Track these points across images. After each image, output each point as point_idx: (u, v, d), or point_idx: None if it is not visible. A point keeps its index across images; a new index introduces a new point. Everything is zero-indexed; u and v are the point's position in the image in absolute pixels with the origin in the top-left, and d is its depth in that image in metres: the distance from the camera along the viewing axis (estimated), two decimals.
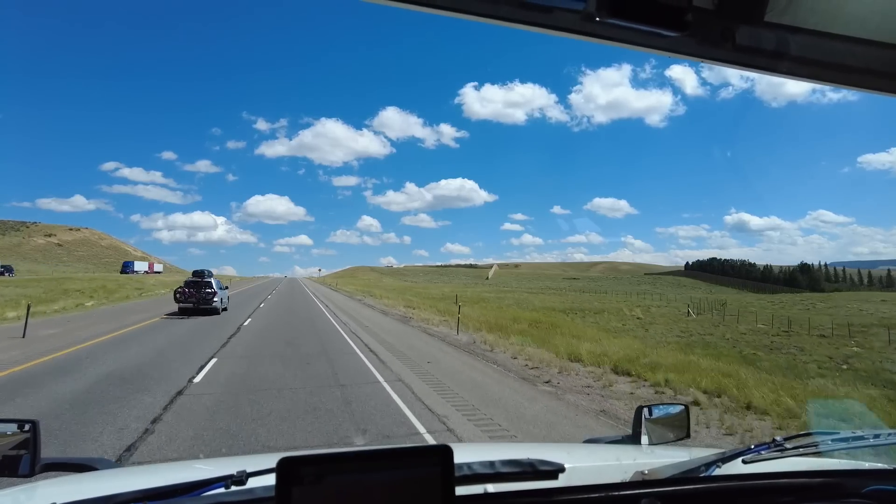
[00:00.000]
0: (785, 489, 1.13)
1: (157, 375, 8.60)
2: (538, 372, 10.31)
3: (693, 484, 1.11)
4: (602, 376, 9.71)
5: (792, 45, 0.74)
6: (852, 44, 0.75)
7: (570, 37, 0.69)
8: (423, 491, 0.77)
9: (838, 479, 1.15)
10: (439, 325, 19.67)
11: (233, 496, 0.90)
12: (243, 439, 5.33)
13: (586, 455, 1.78)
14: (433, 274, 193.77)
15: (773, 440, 1.23)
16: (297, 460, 0.73)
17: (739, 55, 0.73)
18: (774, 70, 0.77)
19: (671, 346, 20.44)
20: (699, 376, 9.24)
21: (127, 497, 0.89)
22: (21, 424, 1.35)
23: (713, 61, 0.75)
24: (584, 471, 1.39)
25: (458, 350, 13.44)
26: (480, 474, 0.96)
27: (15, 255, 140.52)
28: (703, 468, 1.17)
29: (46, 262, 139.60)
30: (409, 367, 10.38)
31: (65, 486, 1.36)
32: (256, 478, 0.94)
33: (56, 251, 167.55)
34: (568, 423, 6.71)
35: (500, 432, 6.16)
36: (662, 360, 11.15)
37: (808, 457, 1.26)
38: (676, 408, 1.76)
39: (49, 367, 9.15)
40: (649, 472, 1.22)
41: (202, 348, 11.73)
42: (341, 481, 0.73)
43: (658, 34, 0.64)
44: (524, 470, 0.98)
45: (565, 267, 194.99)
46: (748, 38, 0.72)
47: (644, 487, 1.06)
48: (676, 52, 0.72)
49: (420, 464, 0.78)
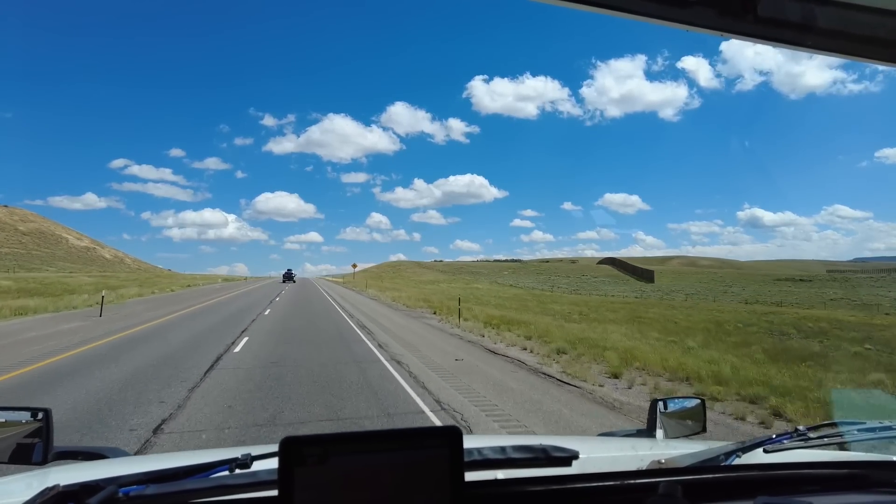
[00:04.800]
0: (809, 479, 1.09)
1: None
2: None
3: (713, 473, 1.08)
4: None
5: (818, 17, 0.71)
6: (883, 16, 0.71)
7: (587, 9, 0.66)
8: (430, 473, 0.74)
9: (865, 471, 1.11)
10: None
11: (237, 479, 0.89)
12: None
13: (600, 445, 1.75)
14: (497, 269, 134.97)
15: (796, 430, 1.20)
16: (300, 440, 0.71)
17: (762, 28, 0.70)
18: (799, 44, 0.74)
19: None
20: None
21: (131, 479, 0.88)
22: (34, 413, 1.37)
23: (734, 34, 0.71)
24: (598, 460, 1.36)
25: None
26: (491, 459, 0.93)
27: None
28: (723, 457, 1.14)
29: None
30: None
31: (75, 472, 1.37)
32: (261, 461, 0.92)
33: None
34: None
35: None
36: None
37: (832, 448, 1.22)
38: (692, 401, 1.73)
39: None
40: (666, 461, 1.20)
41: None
42: (346, 462, 0.71)
43: (676, 6, 0.61)
44: (536, 456, 0.94)
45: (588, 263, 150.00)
46: (771, 9, 0.69)
47: (662, 476, 1.02)
48: (695, 24, 0.69)
49: (427, 445, 0.75)
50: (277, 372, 8.30)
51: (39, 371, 8.14)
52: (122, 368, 8.38)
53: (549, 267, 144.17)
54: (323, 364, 9.08)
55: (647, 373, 9.08)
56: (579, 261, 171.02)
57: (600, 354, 10.60)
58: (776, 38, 0.72)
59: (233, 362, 9.17)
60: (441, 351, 11.41)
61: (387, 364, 9.30)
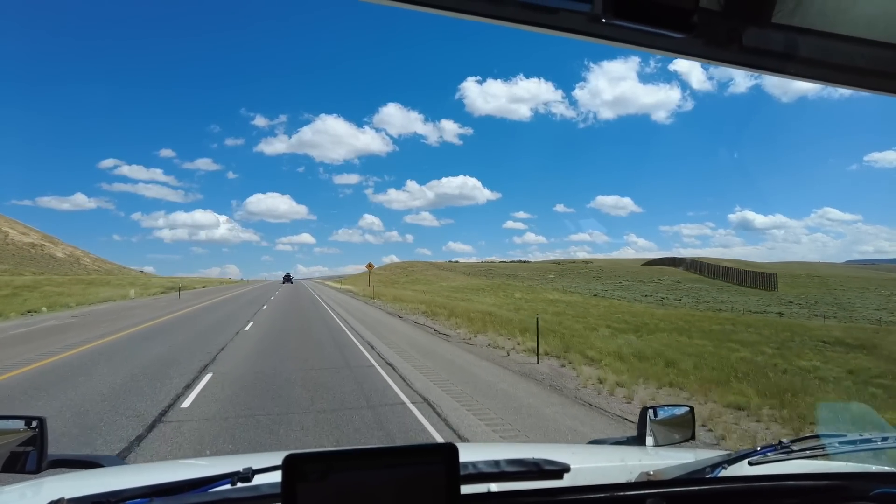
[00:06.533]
0: (791, 491, 1.12)
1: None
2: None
3: (699, 485, 1.11)
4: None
5: (800, 47, 0.74)
6: (860, 45, 0.74)
7: (576, 38, 0.68)
8: (427, 489, 0.77)
9: (845, 482, 1.14)
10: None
11: (238, 493, 0.91)
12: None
13: (591, 456, 1.77)
14: (540, 271, 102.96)
15: (780, 442, 1.23)
16: (302, 458, 0.73)
17: (746, 56, 0.73)
18: (782, 71, 0.77)
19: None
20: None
21: (133, 493, 0.89)
22: (28, 421, 1.37)
23: (720, 62, 0.75)
24: (589, 471, 1.39)
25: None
26: (485, 473, 0.96)
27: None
28: (709, 469, 1.17)
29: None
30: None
31: (70, 482, 1.38)
32: (262, 475, 0.95)
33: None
34: None
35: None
36: None
37: (814, 459, 1.25)
38: (682, 409, 1.76)
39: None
40: (654, 472, 1.22)
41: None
42: (346, 479, 0.74)
43: (664, 35, 0.64)
44: (529, 469, 0.98)
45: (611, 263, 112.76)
46: (755, 39, 0.72)
47: (649, 488, 1.06)
48: (683, 53, 0.72)
49: (425, 462, 0.78)
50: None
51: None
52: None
53: (592, 268, 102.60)
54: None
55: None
56: (622, 261, 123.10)
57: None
58: (760, 66, 0.76)
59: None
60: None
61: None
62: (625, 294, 62.49)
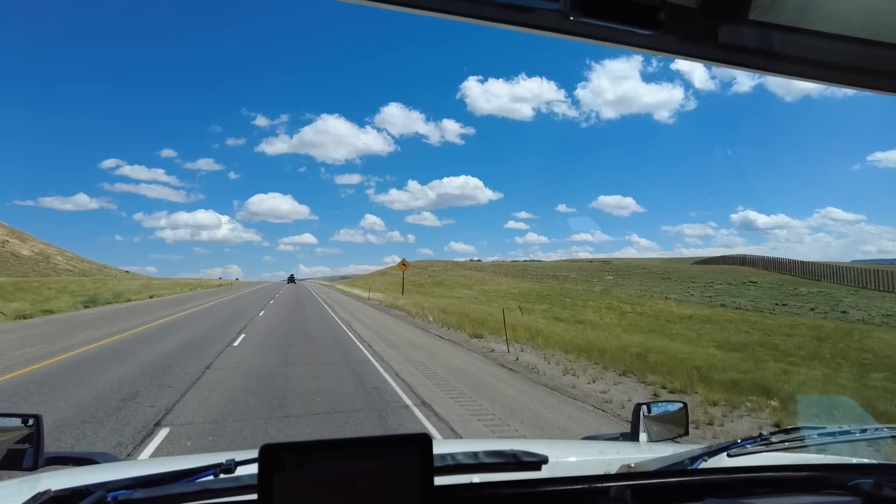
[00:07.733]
0: (769, 482, 1.13)
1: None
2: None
3: (677, 476, 1.12)
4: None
5: (776, 43, 0.75)
6: (836, 41, 0.76)
7: (552, 35, 0.69)
8: (402, 478, 0.78)
9: (823, 473, 1.16)
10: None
11: (220, 483, 0.93)
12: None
13: (570, 449, 1.80)
14: (590, 271, 63.77)
15: (760, 434, 1.24)
16: (278, 447, 0.74)
17: (723, 53, 0.74)
18: (759, 68, 0.78)
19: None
20: None
21: (117, 484, 0.92)
22: (25, 419, 1.39)
23: (696, 59, 0.75)
24: (568, 464, 1.41)
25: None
26: (462, 464, 0.97)
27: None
28: (689, 462, 1.19)
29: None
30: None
31: (65, 477, 1.40)
32: (244, 466, 0.97)
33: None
34: None
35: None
36: None
37: (794, 451, 1.27)
38: (675, 405, 1.76)
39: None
40: (635, 465, 1.24)
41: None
42: (322, 468, 0.75)
43: (637, 32, 0.65)
44: (507, 461, 0.99)
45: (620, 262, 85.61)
46: (731, 36, 0.72)
47: (627, 480, 1.06)
48: (658, 49, 0.73)
49: (399, 451, 0.79)
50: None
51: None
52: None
53: (649, 269, 61.25)
54: None
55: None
56: (676, 261, 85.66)
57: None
58: (737, 62, 0.76)
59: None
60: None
61: None
62: (742, 302, 37.18)
